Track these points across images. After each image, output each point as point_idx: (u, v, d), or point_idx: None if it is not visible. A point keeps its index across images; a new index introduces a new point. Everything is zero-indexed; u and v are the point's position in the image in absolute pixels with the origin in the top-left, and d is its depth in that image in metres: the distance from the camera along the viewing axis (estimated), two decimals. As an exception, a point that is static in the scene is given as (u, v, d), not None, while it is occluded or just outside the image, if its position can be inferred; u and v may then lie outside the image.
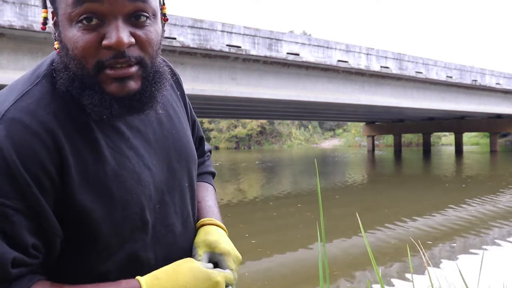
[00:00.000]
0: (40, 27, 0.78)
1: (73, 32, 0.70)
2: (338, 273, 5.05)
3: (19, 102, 0.70)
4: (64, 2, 0.70)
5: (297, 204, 10.15)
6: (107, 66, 0.71)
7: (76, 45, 0.70)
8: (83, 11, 0.69)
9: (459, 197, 10.43)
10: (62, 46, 0.73)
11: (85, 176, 0.73)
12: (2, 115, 0.68)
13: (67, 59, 0.72)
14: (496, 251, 5.74)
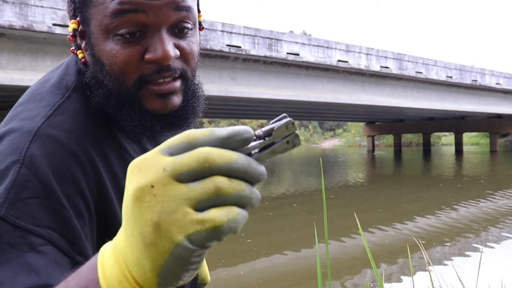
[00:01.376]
0: (68, 37, 0.71)
1: (111, 45, 0.64)
2: (337, 273, 5.06)
3: (52, 118, 0.65)
4: (100, 13, 0.64)
5: (293, 204, 10.17)
6: (150, 82, 0.66)
7: (115, 60, 0.65)
8: (124, 22, 0.63)
9: (459, 197, 10.43)
10: (95, 61, 0.67)
11: (118, 191, 0.68)
12: (36, 131, 0.62)
13: (102, 75, 0.67)
14: (495, 250, 5.74)
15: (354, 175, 17.96)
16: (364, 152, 35.46)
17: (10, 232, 0.55)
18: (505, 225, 7.33)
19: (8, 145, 0.62)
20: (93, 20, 0.65)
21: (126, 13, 0.62)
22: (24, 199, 0.58)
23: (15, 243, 0.55)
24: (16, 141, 0.62)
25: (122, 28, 0.63)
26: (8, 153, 0.61)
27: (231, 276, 5.00)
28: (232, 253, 6.05)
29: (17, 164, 0.59)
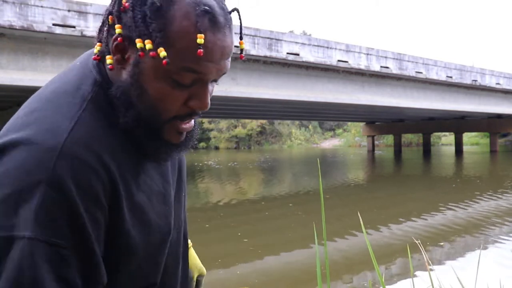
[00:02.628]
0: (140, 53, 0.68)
1: (163, 84, 0.68)
2: (336, 274, 5.06)
3: (74, 133, 0.65)
4: (171, 56, 0.66)
5: (289, 204, 10.19)
6: (179, 119, 0.72)
7: (162, 98, 0.69)
8: (186, 77, 0.68)
9: (458, 197, 10.43)
10: (135, 84, 0.69)
11: (131, 205, 0.72)
12: (61, 149, 0.63)
13: (139, 101, 0.70)
14: (494, 250, 5.74)
15: (353, 175, 17.96)
16: (364, 152, 35.45)
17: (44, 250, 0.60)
18: (505, 225, 7.34)
19: (29, 159, 0.62)
20: (170, 50, 0.66)
21: (193, 72, 0.68)
22: (53, 219, 0.61)
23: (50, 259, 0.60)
24: (39, 157, 0.62)
25: (183, 79, 0.68)
26: (32, 169, 0.61)
27: (228, 275, 5.01)
28: (229, 253, 6.06)
29: (43, 184, 0.61)
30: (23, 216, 0.60)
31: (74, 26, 10.17)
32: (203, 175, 18.03)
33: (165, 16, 0.66)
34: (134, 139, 0.73)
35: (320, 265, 1.09)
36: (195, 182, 15.55)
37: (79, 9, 10.26)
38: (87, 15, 10.36)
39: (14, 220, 0.60)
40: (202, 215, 8.75)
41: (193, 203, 10.55)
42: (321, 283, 1.07)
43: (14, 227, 0.60)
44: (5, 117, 19.20)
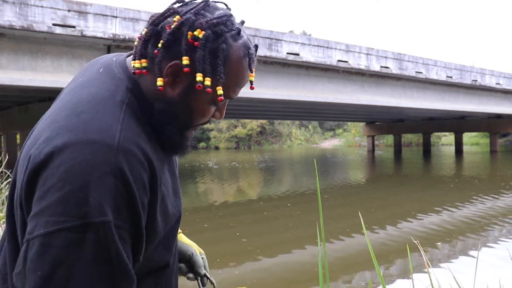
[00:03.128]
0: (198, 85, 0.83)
1: (207, 106, 0.87)
2: (335, 274, 5.06)
3: (124, 133, 0.77)
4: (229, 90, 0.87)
5: (287, 204, 10.20)
6: (202, 125, 0.93)
7: (203, 114, 0.88)
8: (222, 103, 0.92)
9: (457, 197, 10.44)
10: (183, 103, 0.85)
11: (161, 197, 0.85)
12: (117, 146, 0.75)
13: (183, 114, 0.87)
14: (494, 250, 5.74)
15: (353, 176, 17.96)
16: (364, 152, 35.45)
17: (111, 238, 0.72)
18: (504, 225, 7.34)
19: (93, 156, 0.73)
20: (223, 88, 0.85)
21: (229, 98, 0.90)
22: (118, 206, 0.73)
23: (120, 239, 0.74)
24: (102, 153, 0.73)
25: (221, 103, 0.89)
26: (98, 164, 0.72)
27: (226, 275, 5.01)
28: (227, 252, 6.06)
29: (109, 176, 0.72)
30: (94, 204, 0.70)
31: (74, 26, 10.17)
32: (201, 175, 18.03)
33: (227, 60, 0.84)
34: (163, 138, 0.87)
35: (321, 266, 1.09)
36: (194, 182, 15.55)
37: (79, 9, 10.26)
38: (87, 15, 10.36)
39: (86, 208, 0.70)
40: (201, 215, 8.76)
41: (191, 203, 10.56)
42: (322, 283, 1.07)
43: (88, 214, 0.70)
44: (5, 117, 19.20)
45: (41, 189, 0.72)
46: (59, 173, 0.71)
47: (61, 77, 10.57)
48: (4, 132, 19.86)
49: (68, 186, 0.70)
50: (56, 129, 0.76)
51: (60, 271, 0.68)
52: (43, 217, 0.71)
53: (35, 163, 0.74)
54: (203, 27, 0.81)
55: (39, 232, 0.71)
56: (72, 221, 0.69)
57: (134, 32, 11.03)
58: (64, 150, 0.72)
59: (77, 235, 0.69)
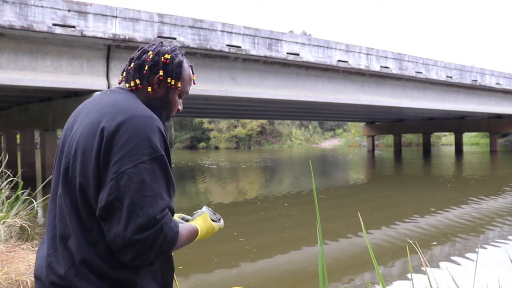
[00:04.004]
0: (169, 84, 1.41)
1: (176, 98, 1.42)
2: (334, 274, 5.06)
3: (151, 112, 1.25)
4: (182, 86, 1.42)
5: (284, 204, 10.20)
6: (172, 116, 1.47)
7: (175, 104, 1.43)
8: (186, 93, 1.46)
9: (457, 198, 10.44)
10: (165, 99, 1.40)
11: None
12: (154, 116, 1.24)
13: (167, 106, 1.41)
14: (493, 250, 5.74)
15: (352, 176, 17.96)
16: (364, 152, 35.45)
17: (166, 164, 1.21)
18: (504, 225, 7.34)
19: (145, 122, 1.20)
20: (181, 84, 1.41)
21: (185, 92, 1.46)
22: (164, 147, 1.23)
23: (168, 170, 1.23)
24: (149, 121, 1.21)
25: (182, 95, 1.45)
26: (149, 125, 1.20)
27: (224, 275, 5.01)
28: (225, 252, 6.06)
29: (156, 131, 1.21)
30: (154, 146, 1.18)
31: (74, 26, 10.17)
32: (200, 175, 18.02)
33: (183, 68, 1.41)
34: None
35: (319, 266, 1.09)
36: (192, 181, 15.54)
37: (79, 9, 10.26)
38: (87, 15, 10.36)
39: (150, 149, 1.17)
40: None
41: (189, 203, 10.56)
42: (322, 283, 1.07)
43: (152, 152, 1.17)
44: (5, 117, 19.20)
45: (117, 146, 1.15)
46: (128, 134, 1.16)
47: (61, 77, 10.57)
48: (4, 132, 19.85)
49: (136, 139, 1.16)
50: (114, 113, 1.21)
51: (144, 186, 1.13)
52: (124, 160, 1.14)
53: (110, 131, 1.17)
54: (169, 52, 1.39)
55: (124, 167, 1.13)
56: (145, 158, 1.15)
57: (134, 32, 11.03)
58: (126, 121, 1.18)
59: (150, 165, 1.16)
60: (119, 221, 1.11)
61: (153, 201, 1.13)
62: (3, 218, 4.13)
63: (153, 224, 1.11)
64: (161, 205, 1.14)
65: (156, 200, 1.13)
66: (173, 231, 1.17)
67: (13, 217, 4.28)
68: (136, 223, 1.10)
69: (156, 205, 1.13)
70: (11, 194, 4.59)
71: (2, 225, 3.99)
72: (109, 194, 1.13)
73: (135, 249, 1.11)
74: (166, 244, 1.15)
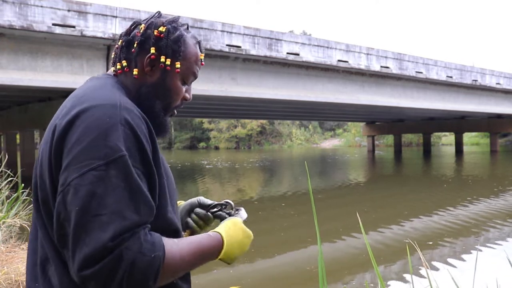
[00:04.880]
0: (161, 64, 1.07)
1: (178, 83, 1.10)
2: (333, 275, 5.06)
3: (122, 98, 0.96)
4: (185, 66, 1.09)
5: (281, 204, 10.21)
6: (177, 107, 1.14)
7: (177, 91, 1.10)
8: (191, 80, 1.13)
9: (456, 198, 10.44)
10: (162, 85, 1.08)
11: (159, 156, 1.00)
12: (120, 105, 0.93)
13: (163, 94, 1.08)
14: (492, 251, 5.74)
15: (352, 176, 17.96)
16: (364, 152, 35.44)
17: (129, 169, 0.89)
18: (503, 225, 7.34)
19: (103, 113, 0.91)
20: (182, 65, 1.08)
21: (192, 75, 1.13)
22: (128, 147, 0.90)
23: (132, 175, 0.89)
24: (109, 110, 0.91)
25: (187, 79, 1.12)
26: (108, 117, 0.90)
27: (221, 275, 5.00)
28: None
29: (119, 125, 0.90)
30: (111, 146, 0.88)
31: (74, 26, 10.17)
32: (199, 175, 18.02)
33: (184, 44, 1.09)
34: (150, 117, 1.03)
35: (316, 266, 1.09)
36: (189, 181, 15.54)
37: (79, 9, 10.25)
38: (87, 15, 10.36)
39: (105, 150, 0.87)
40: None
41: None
42: (322, 283, 1.07)
43: (108, 154, 0.87)
44: (5, 117, 19.20)
45: (66, 148, 0.90)
46: (79, 131, 0.89)
47: (61, 77, 10.57)
48: (4, 132, 19.86)
49: (88, 137, 0.88)
50: (71, 106, 0.95)
51: (94, 201, 0.85)
52: (72, 167, 0.87)
53: (60, 130, 0.92)
54: (164, 24, 1.08)
55: (70, 178, 0.87)
56: (96, 162, 0.86)
57: (134, 32, 11.03)
58: (80, 115, 0.91)
59: (103, 172, 0.86)
60: (68, 251, 0.86)
61: (105, 222, 0.83)
62: (3, 218, 4.13)
63: (104, 253, 0.82)
64: (117, 226, 0.83)
65: (110, 220, 0.83)
66: (145, 257, 0.85)
67: (13, 217, 4.27)
68: (81, 255, 0.83)
69: (110, 226, 0.83)
70: (11, 194, 4.59)
71: (2, 225, 3.99)
72: (58, 214, 0.88)
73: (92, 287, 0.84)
74: (138, 275, 0.84)
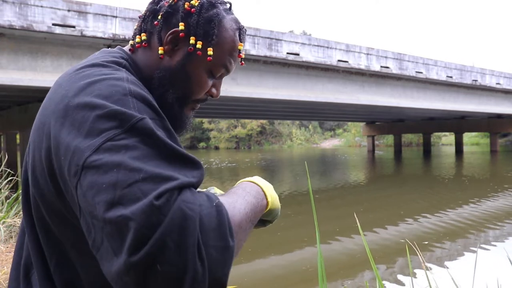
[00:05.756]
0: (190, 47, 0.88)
1: (205, 76, 0.90)
2: (333, 275, 5.06)
3: (126, 74, 0.79)
4: (217, 55, 0.89)
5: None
6: (198, 102, 0.94)
7: (199, 83, 0.90)
8: (220, 73, 0.92)
9: (456, 198, 10.44)
10: (181, 71, 0.88)
11: None
12: (125, 78, 0.76)
13: (181, 82, 0.89)
14: (492, 250, 5.74)
15: (352, 176, 17.96)
16: (364, 152, 35.44)
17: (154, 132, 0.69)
18: (503, 226, 7.34)
19: (110, 86, 0.73)
20: (216, 51, 0.88)
21: (224, 68, 0.91)
22: (145, 110, 0.72)
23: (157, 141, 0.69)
24: (116, 83, 0.74)
25: (216, 72, 0.91)
26: (115, 91, 0.73)
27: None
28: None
29: (128, 96, 0.72)
30: (122, 113, 0.68)
31: (74, 26, 10.17)
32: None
33: (220, 25, 0.88)
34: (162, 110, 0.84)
35: (316, 267, 1.09)
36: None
37: (79, 9, 10.25)
38: (87, 15, 10.36)
39: (119, 118, 0.68)
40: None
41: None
42: (322, 284, 1.07)
43: (122, 122, 0.68)
44: (5, 117, 19.19)
45: (68, 129, 0.70)
46: (80, 108, 0.70)
47: (61, 77, 10.57)
48: (4, 132, 19.86)
49: (94, 112, 0.68)
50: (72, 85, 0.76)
51: (120, 173, 0.62)
52: (79, 147, 0.66)
53: (60, 108, 0.74)
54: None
55: (82, 159, 0.65)
56: (112, 132, 0.66)
57: (134, 32, 11.04)
58: (79, 94, 0.72)
59: (122, 140, 0.66)
60: (107, 250, 0.61)
61: (146, 186, 0.61)
62: (3, 218, 4.13)
63: (157, 216, 0.58)
64: (162, 186, 0.61)
65: (149, 187, 0.61)
66: (209, 208, 0.63)
67: (13, 217, 4.28)
68: (131, 236, 0.57)
69: (155, 186, 0.61)
70: (11, 194, 4.59)
71: (2, 225, 3.99)
72: (83, 213, 0.65)
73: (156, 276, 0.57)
74: (209, 231, 0.61)
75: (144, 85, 0.82)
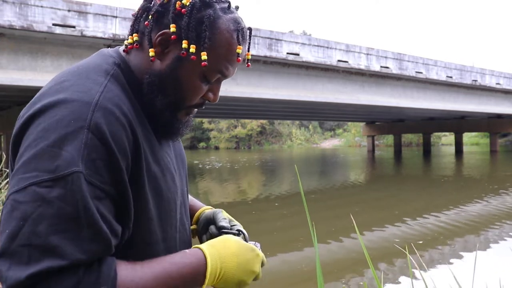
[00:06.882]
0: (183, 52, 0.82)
1: (196, 79, 0.84)
2: (332, 275, 5.06)
3: (104, 94, 0.76)
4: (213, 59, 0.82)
5: (275, 204, 10.22)
6: (194, 107, 0.89)
7: (192, 89, 0.85)
8: (216, 78, 0.87)
9: (456, 198, 10.43)
10: (171, 76, 0.83)
11: (148, 171, 0.81)
12: (96, 103, 0.73)
13: (171, 88, 0.84)
14: (492, 251, 5.74)
15: (352, 176, 17.96)
16: (364, 152, 35.43)
17: (81, 191, 0.68)
18: (503, 226, 7.34)
19: (70, 112, 0.71)
20: (210, 56, 0.82)
21: (220, 73, 0.85)
22: (93, 160, 0.70)
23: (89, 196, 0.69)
24: (78, 109, 0.71)
25: (211, 77, 0.85)
26: (73, 119, 0.70)
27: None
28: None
29: (84, 130, 0.70)
30: (66, 157, 0.68)
31: (74, 26, 10.17)
32: (199, 175, 18.01)
33: (213, 27, 0.81)
34: (153, 116, 0.85)
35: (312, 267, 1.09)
36: (190, 182, 15.51)
37: (79, 9, 10.25)
38: (87, 15, 10.36)
39: (58, 162, 0.68)
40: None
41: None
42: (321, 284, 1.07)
43: (58, 168, 0.68)
44: (5, 117, 19.19)
45: (22, 148, 0.73)
46: (37, 131, 0.71)
47: (61, 77, 10.57)
48: (4, 132, 19.85)
49: (44, 142, 0.69)
50: (39, 96, 0.77)
51: (25, 227, 0.65)
52: (17, 176, 0.70)
53: (18, 126, 0.76)
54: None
55: (11, 190, 0.69)
56: (42, 176, 0.67)
57: (134, 32, 11.03)
58: (44, 111, 0.73)
59: (45, 190, 0.67)
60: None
61: (33, 256, 0.64)
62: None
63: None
64: (44, 264, 0.63)
65: (39, 256, 0.64)
66: None
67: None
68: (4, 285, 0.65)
69: (38, 263, 0.64)
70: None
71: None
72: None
73: None
74: None
75: (137, 89, 0.84)
